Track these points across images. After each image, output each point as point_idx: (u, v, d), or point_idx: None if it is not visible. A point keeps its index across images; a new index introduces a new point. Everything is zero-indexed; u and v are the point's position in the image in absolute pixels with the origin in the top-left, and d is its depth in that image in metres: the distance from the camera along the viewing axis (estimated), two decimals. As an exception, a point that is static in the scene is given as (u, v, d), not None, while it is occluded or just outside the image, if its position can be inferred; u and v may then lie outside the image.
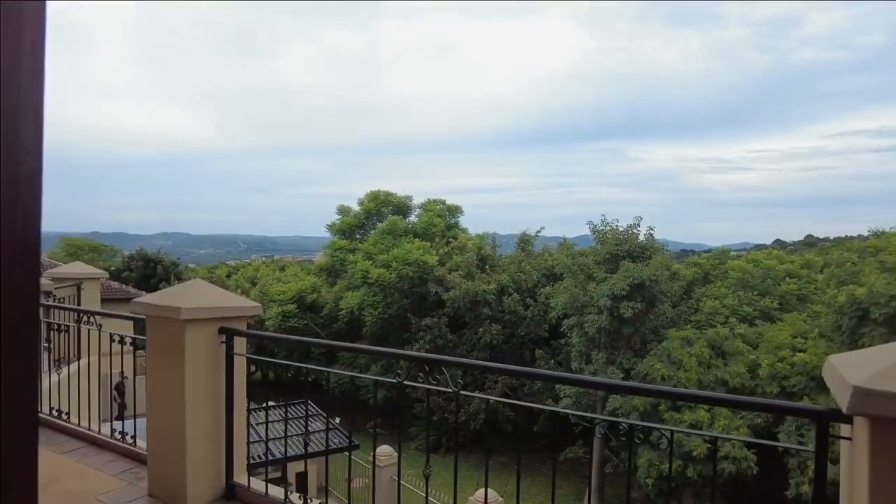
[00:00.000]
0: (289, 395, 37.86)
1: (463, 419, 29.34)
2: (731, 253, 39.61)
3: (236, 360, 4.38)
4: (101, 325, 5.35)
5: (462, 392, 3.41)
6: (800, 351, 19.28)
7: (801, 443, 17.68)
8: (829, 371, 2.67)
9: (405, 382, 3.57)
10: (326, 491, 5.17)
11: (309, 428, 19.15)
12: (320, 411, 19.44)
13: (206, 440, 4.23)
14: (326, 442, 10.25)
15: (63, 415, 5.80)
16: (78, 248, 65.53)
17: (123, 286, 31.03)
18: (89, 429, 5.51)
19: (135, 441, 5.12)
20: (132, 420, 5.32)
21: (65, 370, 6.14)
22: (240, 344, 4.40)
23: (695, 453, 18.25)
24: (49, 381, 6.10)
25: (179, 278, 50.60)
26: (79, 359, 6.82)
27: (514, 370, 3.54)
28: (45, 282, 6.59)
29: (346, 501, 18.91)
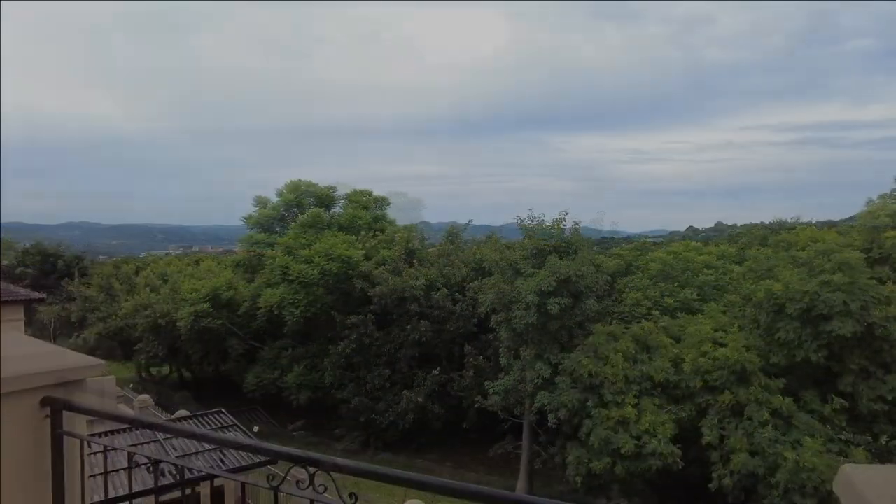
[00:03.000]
0: (204, 400, 35.75)
1: (391, 419, 28.55)
2: (648, 241, 40.79)
3: (67, 443, 3.27)
4: None
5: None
6: (721, 345, 19.70)
7: (722, 436, 18.10)
8: (847, 488, 1.97)
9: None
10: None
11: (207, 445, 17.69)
12: (236, 422, 17.94)
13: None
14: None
15: None
16: (-37, 240, 59.29)
17: (12, 286, 27.89)
18: None
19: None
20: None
21: None
22: (73, 419, 3.29)
23: (623, 450, 18.29)
24: None
25: (84, 274, 46.66)
26: None
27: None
28: None
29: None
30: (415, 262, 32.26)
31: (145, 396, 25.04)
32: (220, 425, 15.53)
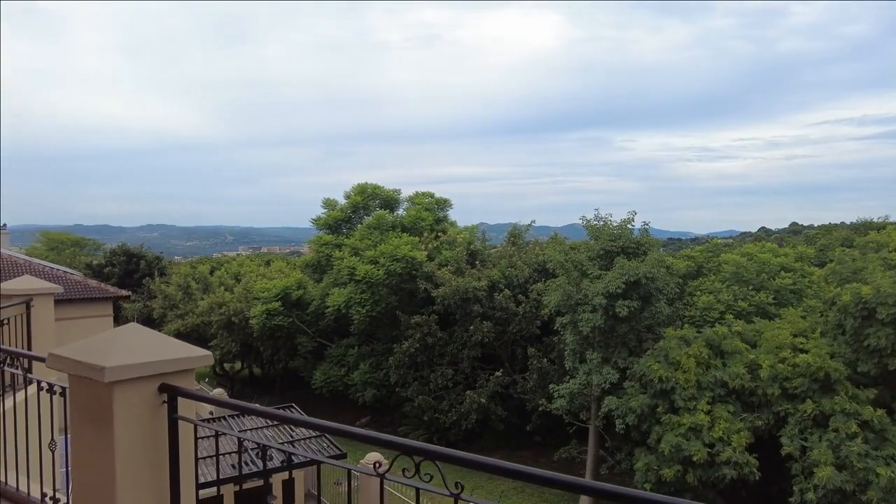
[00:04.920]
0: (274, 396, 37.02)
1: (454, 418, 28.67)
2: (719, 241, 39.15)
3: (181, 427, 3.50)
4: (27, 369, 4.45)
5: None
6: (801, 351, 18.69)
7: (804, 447, 17.16)
8: None
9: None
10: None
11: (294, 434, 18.32)
12: (306, 417, 18.41)
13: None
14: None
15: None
16: (59, 242, 63.68)
17: (102, 285, 29.82)
18: (18, 489, 4.63)
19: (69, 507, 4.25)
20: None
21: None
22: (186, 406, 3.52)
23: (695, 458, 17.65)
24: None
25: (164, 273, 49.32)
26: (3, 401, 5.90)
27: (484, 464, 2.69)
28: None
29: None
30: (477, 262, 32.29)
31: (220, 390, 26.26)
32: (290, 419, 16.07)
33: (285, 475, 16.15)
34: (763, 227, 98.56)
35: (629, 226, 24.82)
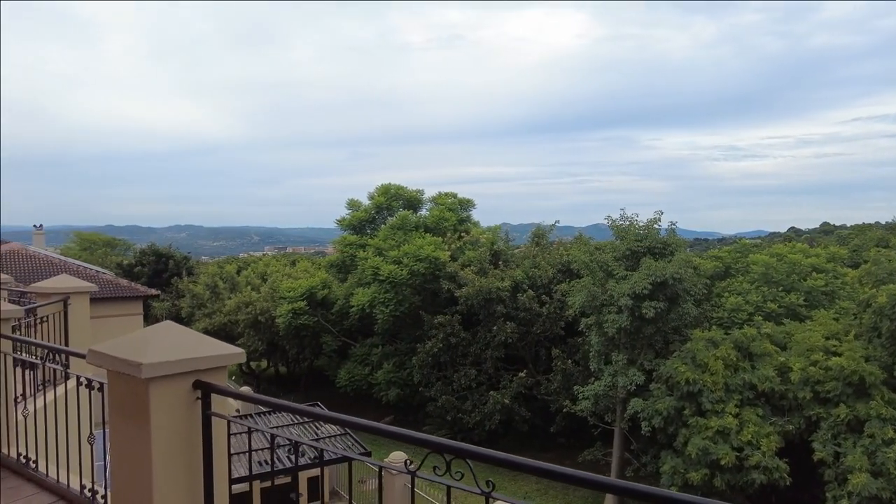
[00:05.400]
0: (299, 395, 37.37)
1: (477, 419, 28.65)
2: (748, 241, 38.40)
3: (215, 422, 3.57)
4: (66, 365, 4.57)
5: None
6: (834, 354, 18.24)
7: (837, 453, 16.75)
8: None
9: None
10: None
11: (320, 432, 18.50)
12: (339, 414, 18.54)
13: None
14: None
15: (31, 462, 5.07)
16: (91, 242, 65.41)
17: (133, 284, 30.51)
18: (58, 481, 4.76)
19: (106, 500, 4.37)
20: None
21: (31, 407, 5.40)
22: (219, 403, 3.59)
23: (723, 462, 17.36)
24: (16, 420, 5.37)
25: (191, 273, 50.21)
26: (45, 394, 6.08)
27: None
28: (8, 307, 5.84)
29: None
30: (500, 263, 32.22)
31: (246, 388, 26.70)
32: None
33: (311, 473, 16.34)
34: (793, 227, 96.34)
35: (655, 226, 24.52)
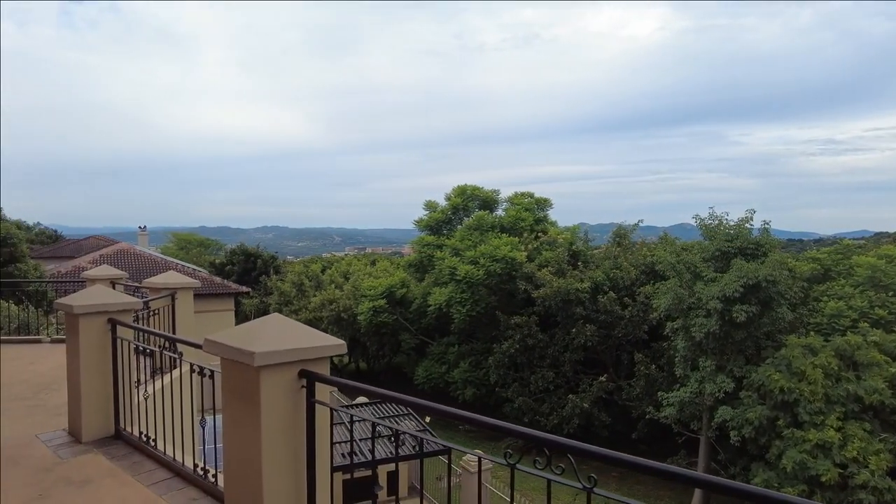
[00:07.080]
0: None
1: (555, 422, 28.26)
2: (850, 242, 35.54)
3: (318, 410, 3.77)
4: (181, 354, 4.96)
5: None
6: (955, 365, 16.63)
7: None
8: None
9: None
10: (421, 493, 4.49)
11: (400, 427, 18.87)
12: (411, 411, 18.96)
13: (286, 499, 3.69)
14: (422, 447, 9.66)
15: (151, 440, 5.53)
16: (187, 242, 70.27)
17: (225, 281, 32.48)
18: (174, 459, 5.17)
19: (216, 480, 4.70)
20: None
21: (150, 390, 5.89)
22: (322, 391, 3.78)
23: (823, 479, 16.22)
24: (137, 402, 5.87)
25: (278, 271, 52.67)
26: (161, 378, 6.60)
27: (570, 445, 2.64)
28: (127, 299, 6.36)
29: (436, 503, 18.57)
30: (579, 263, 31.63)
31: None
32: (396, 413, 16.65)
33: (389, 467, 16.71)
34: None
35: (747, 225, 23.26)
